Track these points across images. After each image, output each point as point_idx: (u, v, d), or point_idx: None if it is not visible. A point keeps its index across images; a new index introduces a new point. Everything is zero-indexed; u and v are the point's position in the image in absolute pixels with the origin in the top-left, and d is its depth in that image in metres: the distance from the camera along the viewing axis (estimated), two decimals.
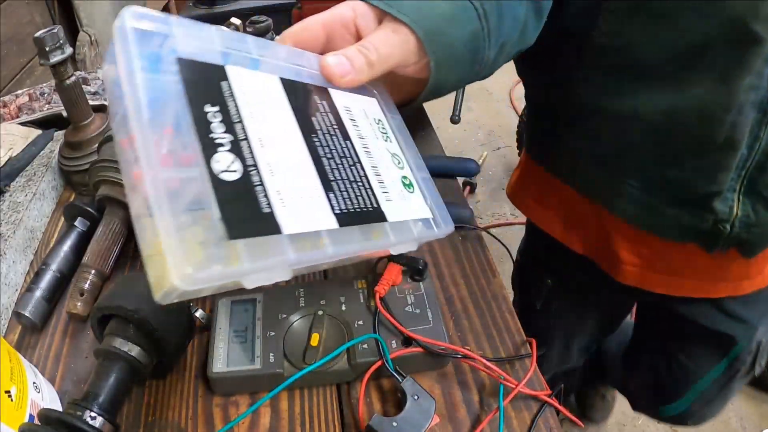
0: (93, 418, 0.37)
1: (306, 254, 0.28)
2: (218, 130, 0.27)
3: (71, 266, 0.54)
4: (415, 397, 0.40)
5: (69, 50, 0.57)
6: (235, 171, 0.27)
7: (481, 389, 0.43)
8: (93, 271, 0.51)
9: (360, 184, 0.33)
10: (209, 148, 0.26)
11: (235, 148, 0.27)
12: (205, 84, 0.28)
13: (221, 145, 0.27)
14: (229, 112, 0.28)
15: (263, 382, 0.42)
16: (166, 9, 2.19)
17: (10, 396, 0.37)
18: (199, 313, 0.48)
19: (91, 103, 0.66)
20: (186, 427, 0.42)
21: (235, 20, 0.89)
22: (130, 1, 1.71)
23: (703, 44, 0.45)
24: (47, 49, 0.54)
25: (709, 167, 0.51)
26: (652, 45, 0.47)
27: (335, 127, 0.34)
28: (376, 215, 0.33)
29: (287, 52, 0.35)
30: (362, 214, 0.32)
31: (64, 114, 0.68)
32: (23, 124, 0.73)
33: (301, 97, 0.34)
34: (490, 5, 0.39)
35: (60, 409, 0.42)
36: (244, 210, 0.26)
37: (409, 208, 0.36)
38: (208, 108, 0.27)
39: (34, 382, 0.41)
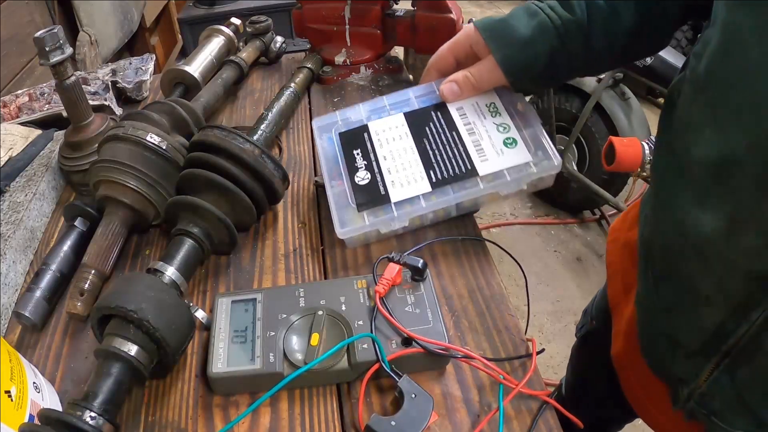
0: (93, 418, 0.37)
1: (406, 210, 0.52)
2: (360, 161, 0.56)
3: (71, 266, 0.54)
4: (413, 396, 0.40)
5: (69, 50, 0.56)
6: (366, 179, 0.54)
7: (481, 389, 0.43)
8: (93, 271, 0.51)
9: (458, 157, 0.54)
10: (353, 170, 0.55)
11: (369, 167, 0.55)
12: (354, 139, 0.58)
13: (360, 168, 0.55)
14: (367, 149, 0.57)
15: (263, 382, 0.42)
16: (165, 8, 2.19)
17: (10, 396, 0.37)
18: (199, 313, 0.48)
19: (91, 103, 0.66)
20: (186, 427, 0.42)
21: (235, 20, 0.89)
22: (129, 0, 1.71)
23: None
24: (47, 49, 0.54)
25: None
26: None
27: (444, 125, 0.56)
28: (470, 173, 0.52)
29: (420, 91, 0.60)
30: (456, 176, 0.52)
31: (64, 114, 0.68)
32: (23, 124, 0.73)
33: (419, 118, 0.58)
34: (574, 20, 0.50)
35: (60, 409, 0.42)
36: (368, 196, 0.53)
37: (508, 160, 0.52)
38: (354, 152, 0.57)
39: (34, 382, 0.41)
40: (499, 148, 0.53)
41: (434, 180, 0.52)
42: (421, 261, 0.47)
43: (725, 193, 0.38)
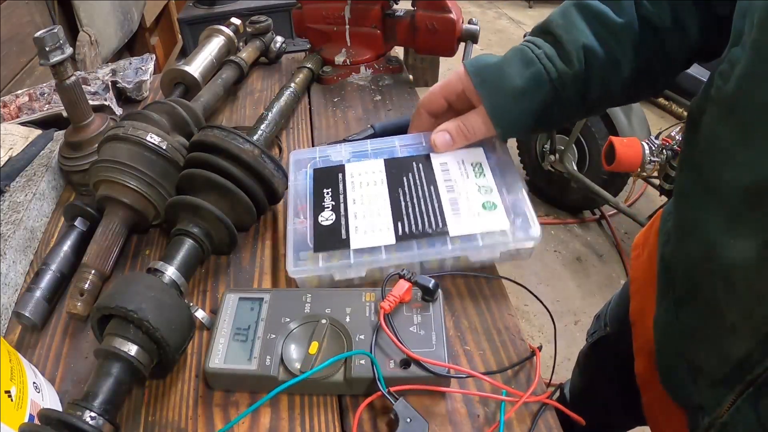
0: (93, 418, 0.37)
1: (365, 260, 0.48)
2: (328, 200, 0.53)
3: (71, 266, 0.54)
4: (408, 420, 0.39)
5: (69, 50, 0.56)
6: (330, 220, 0.51)
7: (484, 401, 0.42)
8: (93, 271, 0.51)
9: (431, 212, 0.50)
10: (318, 209, 0.52)
11: (335, 208, 0.52)
12: (326, 177, 0.55)
13: (326, 208, 0.52)
14: (338, 189, 0.54)
15: (257, 384, 0.42)
16: (165, 8, 2.19)
17: (10, 396, 0.37)
18: (199, 313, 0.48)
19: (91, 103, 0.66)
20: (186, 427, 0.42)
21: (235, 20, 0.89)
22: (129, 0, 1.71)
23: None
24: (47, 49, 0.54)
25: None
26: None
27: (423, 178, 0.53)
28: (440, 231, 0.49)
29: (406, 140, 0.58)
30: (424, 232, 0.49)
31: (64, 114, 0.68)
32: (23, 124, 0.73)
33: (398, 167, 0.55)
34: (571, 71, 0.49)
35: (60, 409, 0.42)
36: (328, 238, 0.49)
37: (484, 224, 0.49)
38: (324, 190, 0.54)
39: (34, 382, 0.41)
40: (477, 210, 0.50)
41: (401, 233, 0.49)
42: (433, 281, 0.44)
43: (759, 219, 0.36)
